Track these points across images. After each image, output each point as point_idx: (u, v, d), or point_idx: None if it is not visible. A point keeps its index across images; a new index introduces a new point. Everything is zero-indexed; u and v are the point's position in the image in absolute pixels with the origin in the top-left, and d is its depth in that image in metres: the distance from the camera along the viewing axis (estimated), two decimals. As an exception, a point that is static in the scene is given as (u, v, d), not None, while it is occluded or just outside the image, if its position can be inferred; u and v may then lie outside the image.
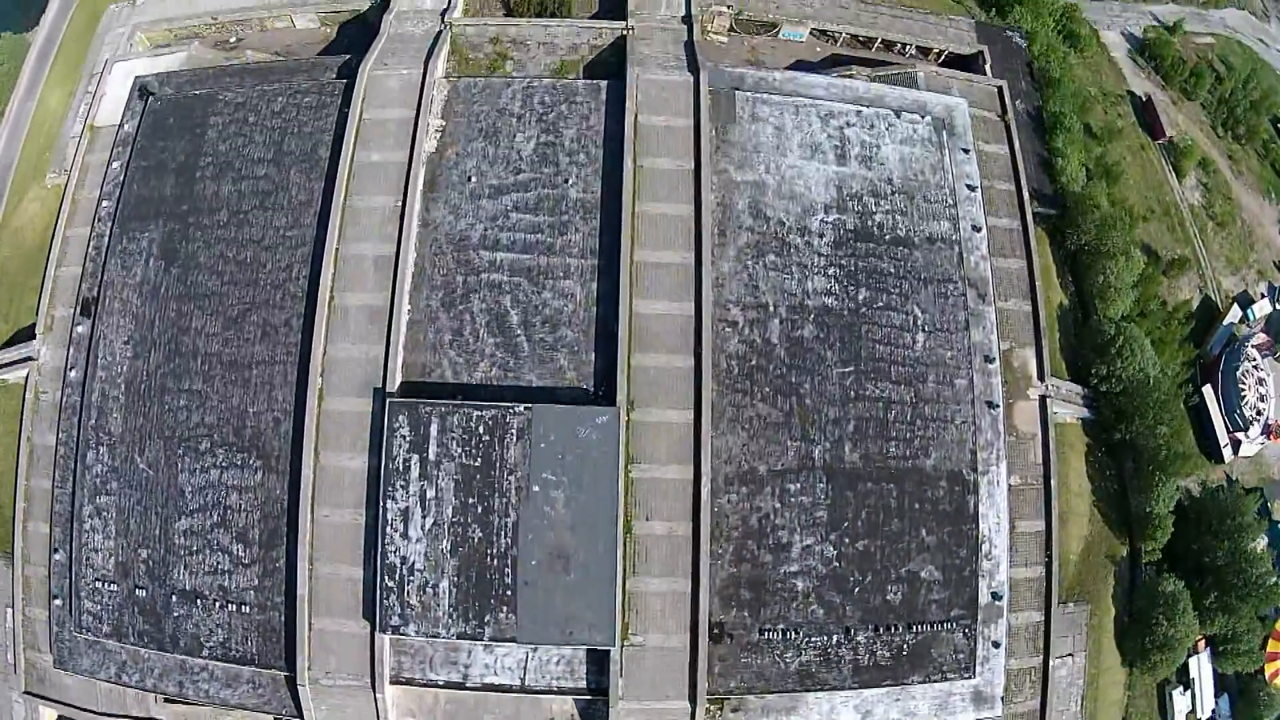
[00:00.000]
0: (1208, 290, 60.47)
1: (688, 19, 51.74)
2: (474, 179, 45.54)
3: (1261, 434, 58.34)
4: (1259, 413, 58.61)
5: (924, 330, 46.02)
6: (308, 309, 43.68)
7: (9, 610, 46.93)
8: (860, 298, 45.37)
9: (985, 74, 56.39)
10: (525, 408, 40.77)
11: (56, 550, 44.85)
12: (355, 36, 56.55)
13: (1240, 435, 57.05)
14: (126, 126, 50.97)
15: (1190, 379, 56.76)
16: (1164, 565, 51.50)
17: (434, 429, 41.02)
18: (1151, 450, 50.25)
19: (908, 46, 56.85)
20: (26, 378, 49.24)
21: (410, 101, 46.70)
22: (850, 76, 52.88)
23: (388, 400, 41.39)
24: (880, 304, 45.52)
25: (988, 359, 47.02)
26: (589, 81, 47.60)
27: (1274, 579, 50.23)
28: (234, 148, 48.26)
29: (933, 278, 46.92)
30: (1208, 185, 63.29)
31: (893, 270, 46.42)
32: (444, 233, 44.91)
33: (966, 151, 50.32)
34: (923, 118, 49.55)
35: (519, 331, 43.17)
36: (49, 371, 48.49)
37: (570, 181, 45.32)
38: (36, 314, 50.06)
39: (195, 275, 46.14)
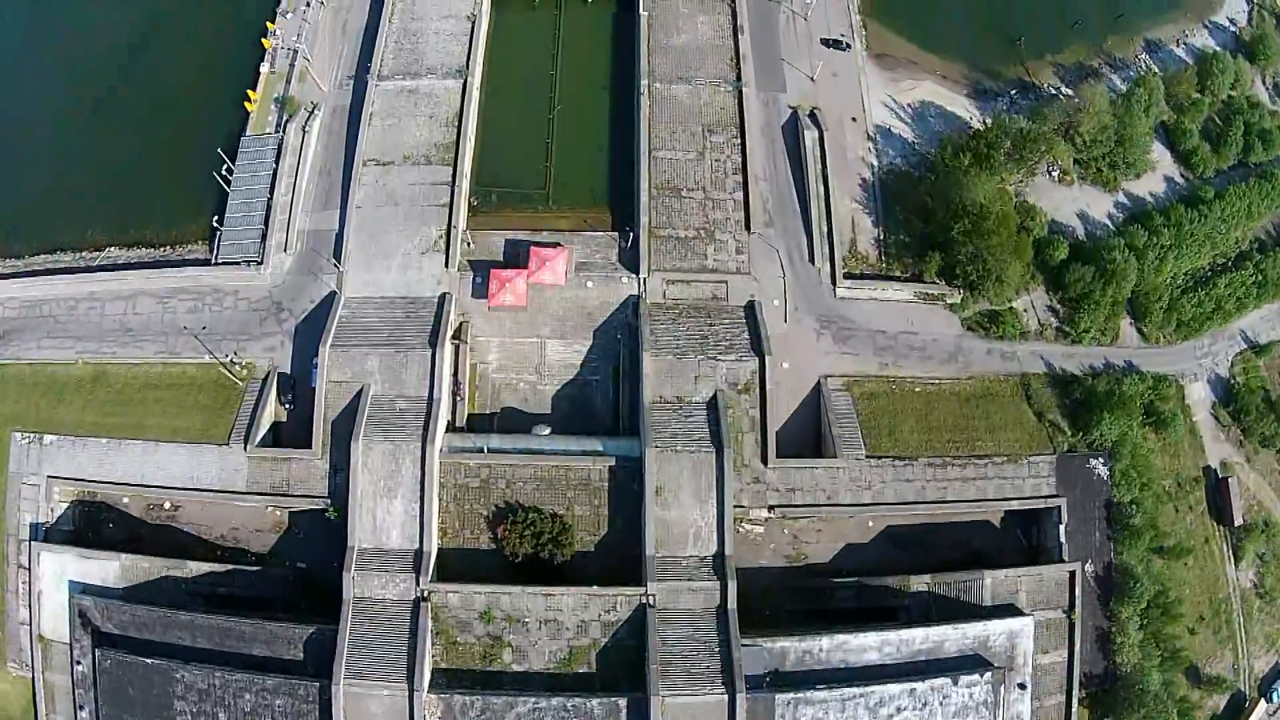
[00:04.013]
0: (1240, 682, 58.63)
1: (720, 567, 42.56)
2: (489, 833, 41.03)
3: (1253, 799, 60.72)
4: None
5: None
6: None
7: None
8: None
9: (1059, 536, 48.93)
10: None
11: None
12: (310, 528, 46.95)
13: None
14: (81, 665, 44.66)
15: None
16: None
17: None
18: None
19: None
20: None
21: (400, 738, 40.54)
22: (907, 586, 45.80)
23: None
24: None
25: None
26: (606, 700, 40.15)
27: None
28: (212, 756, 42.38)
29: None
30: (1264, 557, 58.35)
31: None
32: None
33: (1023, 687, 45.52)
34: (981, 675, 43.74)
35: None
36: None
37: (593, 834, 41.01)
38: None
39: None
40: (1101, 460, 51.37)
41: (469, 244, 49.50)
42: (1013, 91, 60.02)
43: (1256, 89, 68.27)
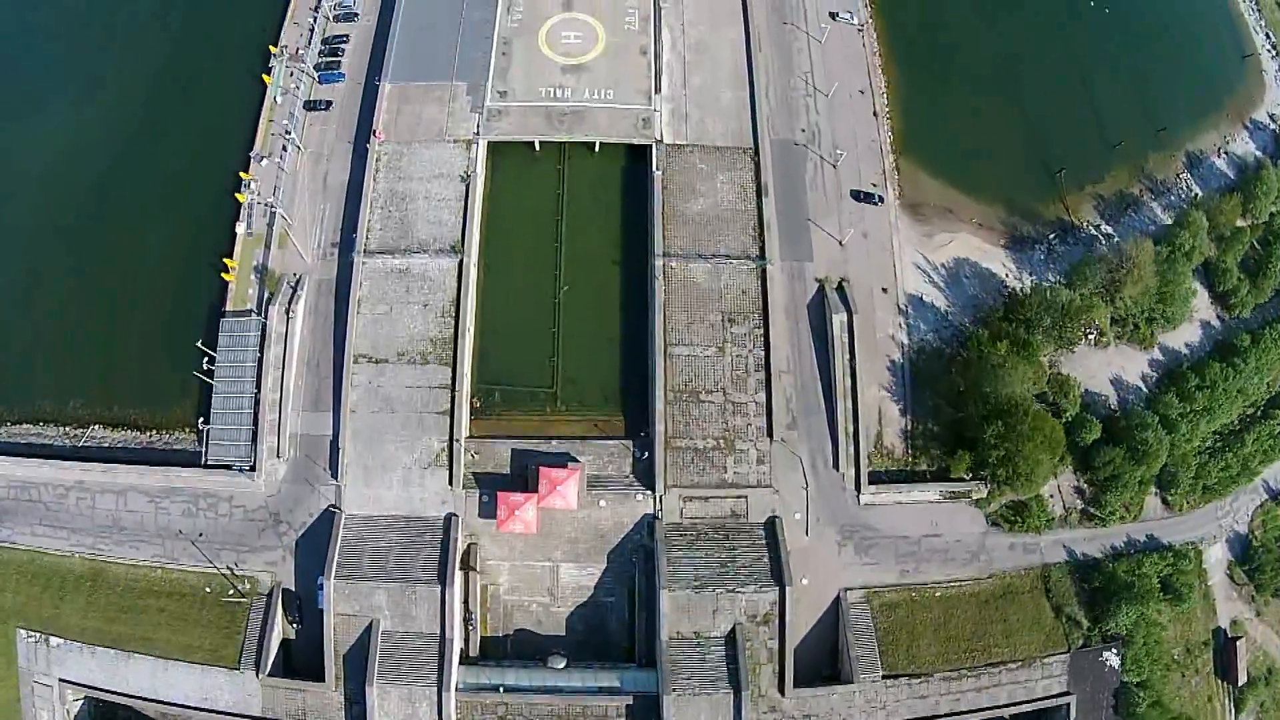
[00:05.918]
0: (1222, 814, 61.52)
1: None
2: None
3: None
4: None
5: None
6: None
7: None
8: None
9: (1067, 735, 49.53)
10: None
11: None
12: (324, 749, 46.90)
13: None
14: None
15: None
16: None
17: None
18: None
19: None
20: None
21: None
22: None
23: None
24: None
25: None
26: None
27: None
28: None
29: None
30: (1264, 704, 59.41)
31: None
32: None
33: None
34: None
35: None
36: None
37: None
38: None
39: None
40: (1114, 651, 51.35)
41: (473, 454, 46.65)
42: (1051, 236, 55.99)
43: (1297, 197, 64.23)
